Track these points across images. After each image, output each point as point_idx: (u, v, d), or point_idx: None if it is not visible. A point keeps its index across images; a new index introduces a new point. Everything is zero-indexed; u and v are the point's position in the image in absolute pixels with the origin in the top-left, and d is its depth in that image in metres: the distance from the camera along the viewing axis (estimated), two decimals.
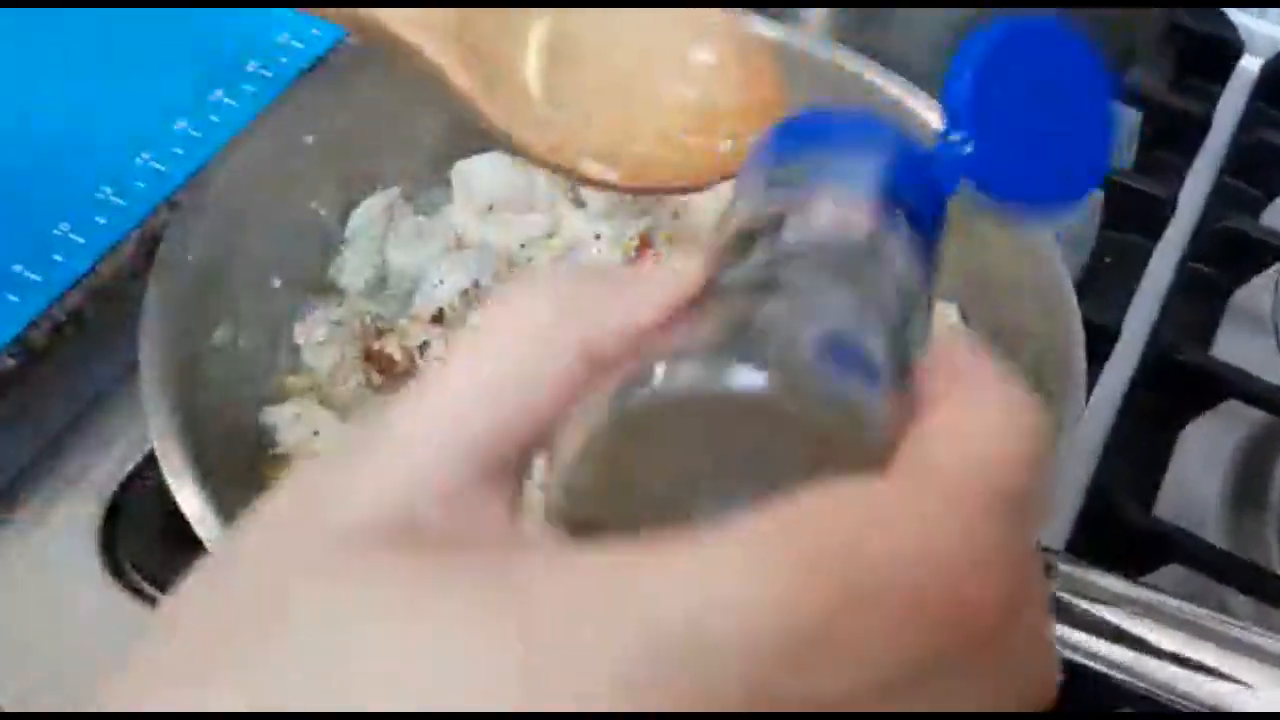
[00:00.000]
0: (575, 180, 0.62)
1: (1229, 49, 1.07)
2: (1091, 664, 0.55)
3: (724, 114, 0.60)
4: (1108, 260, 0.92)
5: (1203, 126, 0.99)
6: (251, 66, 0.83)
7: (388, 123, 0.75)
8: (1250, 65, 1.07)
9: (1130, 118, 1.00)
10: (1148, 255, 0.91)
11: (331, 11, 0.60)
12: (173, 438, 0.56)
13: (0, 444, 0.70)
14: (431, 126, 0.77)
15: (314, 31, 0.85)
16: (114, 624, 0.67)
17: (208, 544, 0.53)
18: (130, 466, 0.72)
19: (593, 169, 0.58)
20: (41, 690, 0.65)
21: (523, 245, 0.74)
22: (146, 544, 0.69)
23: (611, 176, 0.59)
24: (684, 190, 0.61)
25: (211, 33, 0.84)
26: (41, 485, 0.72)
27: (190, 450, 0.56)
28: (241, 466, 0.64)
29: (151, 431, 0.56)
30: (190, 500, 0.54)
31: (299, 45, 0.85)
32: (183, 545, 0.67)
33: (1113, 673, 0.55)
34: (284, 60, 0.84)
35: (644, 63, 0.61)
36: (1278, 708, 0.52)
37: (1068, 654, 0.56)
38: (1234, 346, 0.88)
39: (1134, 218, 0.93)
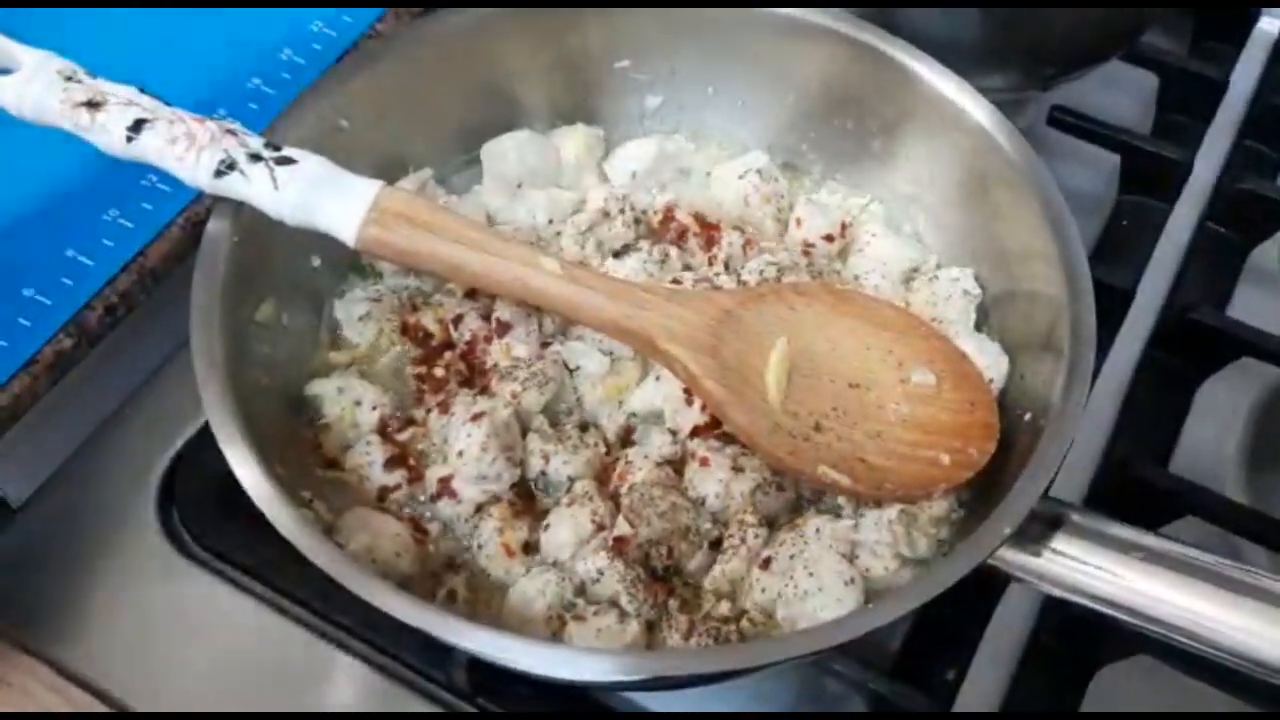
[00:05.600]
0: (812, 483, 0.67)
1: (1247, 11, 1.07)
2: (1107, 610, 0.57)
3: (945, 431, 0.67)
4: (1125, 223, 0.93)
5: (1220, 89, 1.00)
6: (286, 55, 0.86)
7: (418, 107, 0.77)
8: (1269, 27, 1.07)
9: (1147, 82, 1.01)
10: (1165, 218, 0.93)
11: (621, 335, 0.67)
12: (225, 409, 0.59)
13: (60, 420, 0.74)
14: (460, 109, 0.80)
15: (346, 19, 0.88)
16: (173, 587, 0.71)
17: (261, 509, 0.56)
18: (183, 440, 0.76)
19: (829, 475, 0.65)
20: (106, 652, 0.69)
21: (550, 220, 0.77)
22: (200, 512, 0.73)
23: (846, 482, 0.65)
24: (911, 499, 0.65)
25: (248, 22, 0.87)
26: (100, 458, 0.75)
27: (241, 421, 0.58)
28: (290, 436, 0.67)
29: (204, 404, 0.59)
30: (244, 467, 0.57)
31: (332, 34, 0.88)
32: (234, 512, 0.70)
33: (1128, 618, 0.57)
34: (318, 48, 0.86)
35: (870, 380, 0.68)
36: None
37: (1084, 601, 0.58)
38: (1252, 306, 0.89)
39: (1151, 181, 0.94)
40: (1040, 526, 0.58)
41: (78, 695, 0.69)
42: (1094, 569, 0.57)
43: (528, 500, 0.67)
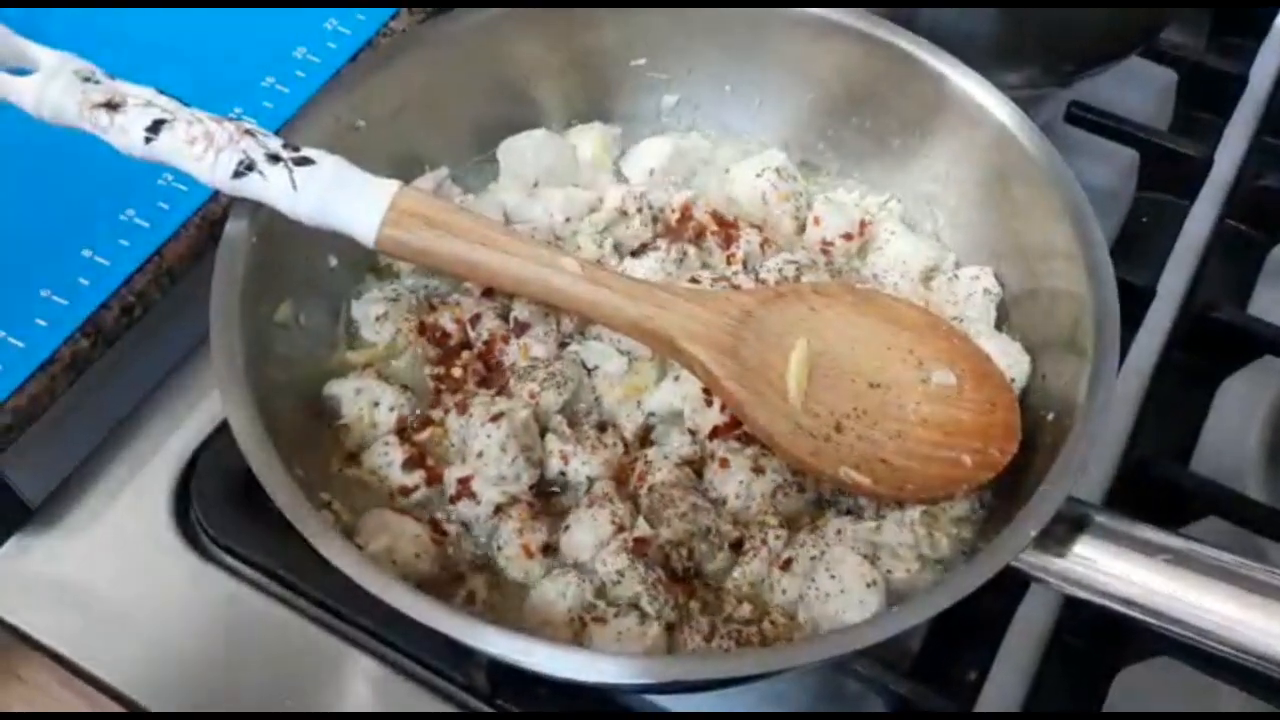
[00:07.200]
0: (833, 484, 0.66)
1: (1266, 5, 1.06)
2: (1130, 612, 0.57)
3: (966, 432, 0.66)
4: (1144, 220, 0.92)
5: (1239, 85, 0.99)
6: (301, 53, 0.86)
7: (434, 105, 0.77)
8: None
9: (1166, 78, 1.00)
10: (1184, 215, 0.92)
11: (641, 336, 0.67)
12: (245, 410, 0.58)
13: (77, 420, 0.74)
14: (476, 108, 0.79)
15: (360, 18, 0.88)
16: (189, 586, 0.71)
17: (281, 510, 0.56)
18: (200, 439, 0.76)
19: (851, 476, 0.64)
20: (122, 651, 0.69)
21: (567, 219, 0.76)
22: (217, 512, 0.72)
23: (867, 483, 0.64)
24: (933, 500, 0.65)
25: (262, 21, 0.87)
26: (118, 458, 0.75)
27: (261, 421, 0.58)
28: (308, 437, 0.67)
29: (224, 404, 0.59)
30: (264, 468, 0.56)
31: (346, 31, 0.87)
32: (250, 512, 0.71)
33: (1152, 620, 0.57)
34: (332, 46, 0.86)
35: (891, 380, 0.68)
36: None
37: (1107, 604, 0.58)
38: (1273, 304, 0.89)
39: (1170, 178, 0.93)
40: (1064, 528, 0.57)
41: (93, 693, 0.69)
42: (1119, 572, 0.57)
43: (547, 501, 0.67)
